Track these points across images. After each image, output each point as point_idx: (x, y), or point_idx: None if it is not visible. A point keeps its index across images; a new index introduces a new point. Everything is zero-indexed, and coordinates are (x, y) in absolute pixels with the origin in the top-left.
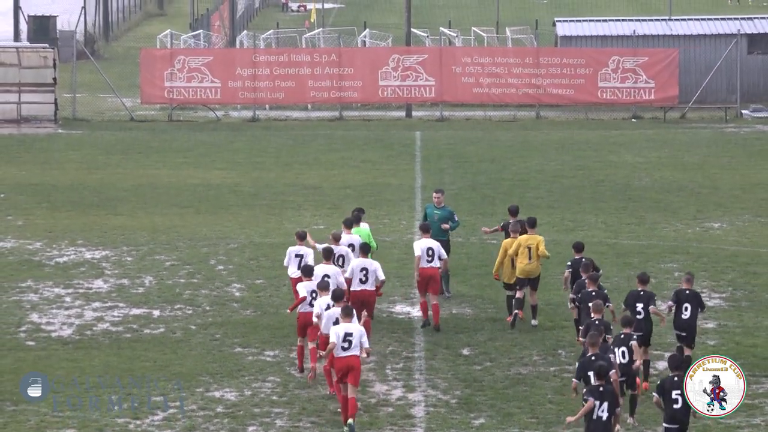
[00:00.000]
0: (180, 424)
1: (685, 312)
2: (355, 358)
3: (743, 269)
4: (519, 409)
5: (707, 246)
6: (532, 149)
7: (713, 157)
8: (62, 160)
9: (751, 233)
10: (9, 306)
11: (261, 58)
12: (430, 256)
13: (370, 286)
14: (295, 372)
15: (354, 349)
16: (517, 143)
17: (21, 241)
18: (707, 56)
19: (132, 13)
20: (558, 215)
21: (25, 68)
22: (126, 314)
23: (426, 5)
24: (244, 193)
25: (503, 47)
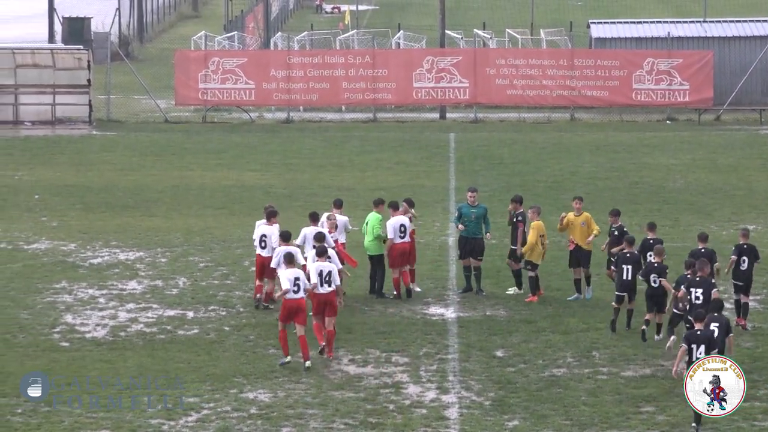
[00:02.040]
0: (214, 425)
1: (743, 264)
2: (332, 293)
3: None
4: (553, 411)
5: None
6: (567, 151)
7: (748, 159)
8: (96, 162)
9: None
10: (43, 307)
11: (295, 59)
12: (402, 232)
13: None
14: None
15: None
16: (551, 145)
17: (55, 243)
18: (742, 58)
19: (166, 14)
20: (593, 217)
21: (59, 70)
22: (160, 315)
23: (460, 7)
24: (277, 195)
25: (537, 49)
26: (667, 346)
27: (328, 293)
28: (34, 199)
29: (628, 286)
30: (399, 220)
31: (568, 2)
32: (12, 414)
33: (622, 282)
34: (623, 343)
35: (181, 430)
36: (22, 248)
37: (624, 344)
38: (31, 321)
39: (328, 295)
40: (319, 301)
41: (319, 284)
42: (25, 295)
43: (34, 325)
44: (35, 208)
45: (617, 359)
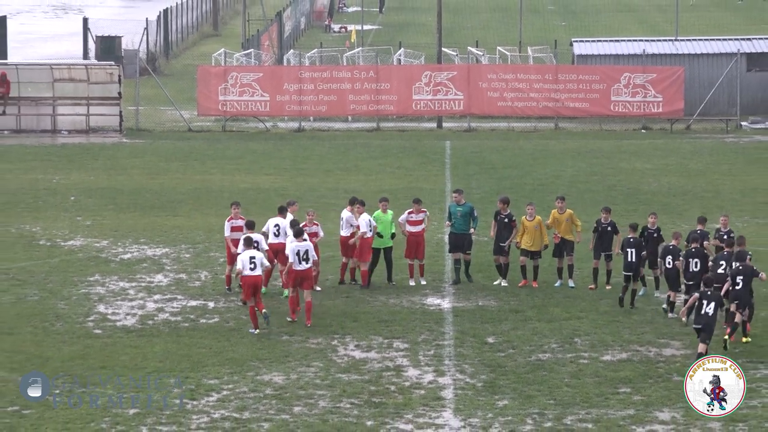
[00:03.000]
0: (233, 404)
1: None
2: (308, 270)
3: None
4: (539, 392)
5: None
6: (551, 157)
7: (715, 164)
8: (126, 167)
9: (749, 233)
10: (78, 298)
11: (306, 74)
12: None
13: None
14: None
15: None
16: (537, 151)
17: (89, 240)
18: (710, 73)
19: (189, 33)
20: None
21: (93, 83)
22: (184, 306)
23: (455, 27)
24: (289, 196)
25: (525, 65)
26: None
27: (306, 269)
28: (70, 200)
29: (630, 266)
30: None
31: (552, 22)
32: (50, 394)
33: (627, 263)
34: (602, 330)
35: (203, 409)
36: (59, 245)
37: (603, 331)
38: (67, 310)
39: (305, 271)
40: (297, 277)
41: (297, 262)
42: (62, 287)
43: (70, 314)
44: (71, 209)
45: (597, 345)
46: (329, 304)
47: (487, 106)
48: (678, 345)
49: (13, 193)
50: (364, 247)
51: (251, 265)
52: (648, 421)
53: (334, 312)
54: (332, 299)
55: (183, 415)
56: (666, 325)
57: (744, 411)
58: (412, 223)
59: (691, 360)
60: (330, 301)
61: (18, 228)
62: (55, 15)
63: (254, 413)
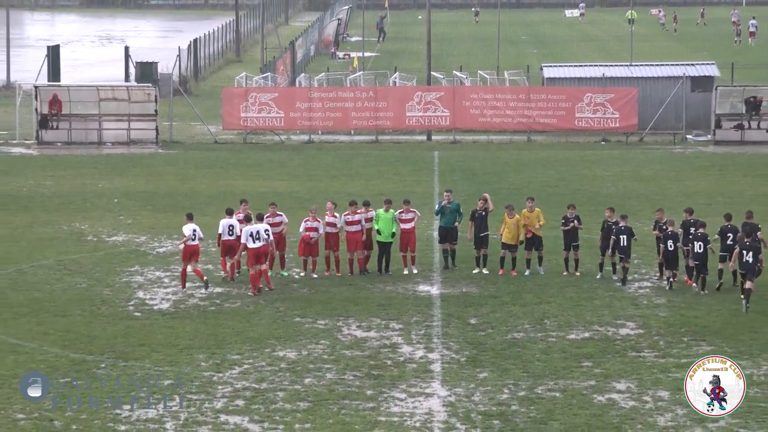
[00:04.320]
0: (252, 376)
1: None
2: (264, 246)
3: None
4: (514, 366)
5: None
6: (524, 165)
7: (664, 171)
8: (162, 173)
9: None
10: (121, 286)
11: (315, 94)
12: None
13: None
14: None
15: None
16: (512, 160)
17: (130, 236)
18: (660, 94)
19: (216, 59)
20: (545, 216)
21: (133, 102)
22: (210, 292)
23: (442, 54)
24: (301, 198)
25: (502, 86)
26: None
27: (260, 246)
28: (114, 202)
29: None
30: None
31: (525, 50)
32: (96, 368)
33: (619, 247)
34: (568, 313)
35: (227, 380)
36: (104, 240)
37: (568, 314)
38: (111, 296)
39: (259, 248)
40: (252, 254)
41: (251, 241)
42: (107, 276)
43: (113, 299)
44: (114, 209)
45: (563, 326)
46: (335, 291)
47: (470, 121)
48: (632, 325)
49: (65, 196)
50: (353, 241)
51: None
52: (607, 391)
53: (339, 298)
54: (337, 287)
55: (210, 385)
56: (622, 308)
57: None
58: (403, 221)
59: (645, 338)
60: (335, 289)
61: (69, 226)
62: (101, 44)
63: (271, 384)
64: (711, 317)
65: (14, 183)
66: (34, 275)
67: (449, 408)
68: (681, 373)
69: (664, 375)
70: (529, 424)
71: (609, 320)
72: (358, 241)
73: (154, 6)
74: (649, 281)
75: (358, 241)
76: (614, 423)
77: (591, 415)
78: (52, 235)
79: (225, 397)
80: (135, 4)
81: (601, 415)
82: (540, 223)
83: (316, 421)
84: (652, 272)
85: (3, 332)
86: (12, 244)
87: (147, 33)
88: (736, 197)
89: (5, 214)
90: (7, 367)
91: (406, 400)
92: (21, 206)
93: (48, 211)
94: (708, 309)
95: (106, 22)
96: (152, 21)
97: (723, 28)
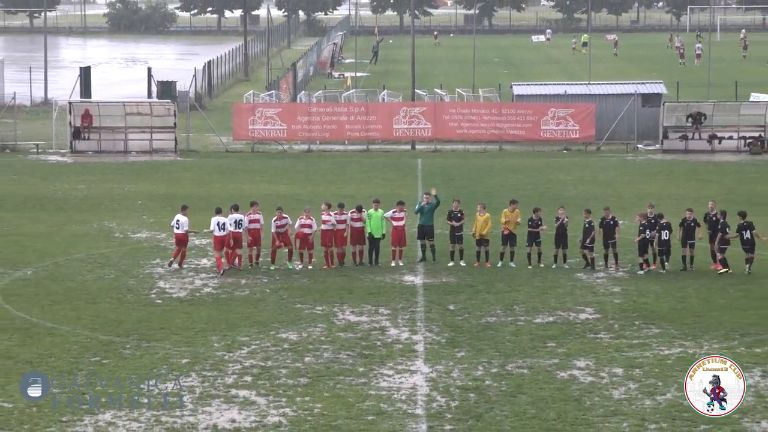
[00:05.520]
0: (259, 355)
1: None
2: (226, 236)
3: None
4: (487, 346)
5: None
6: (497, 171)
7: (619, 176)
8: (180, 179)
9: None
10: (144, 276)
11: (314, 109)
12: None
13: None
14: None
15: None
16: (486, 167)
17: (152, 233)
18: (614, 108)
19: (227, 79)
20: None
21: (155, 116)
22: (222, 282)
23: (425, 74)
24: (302, 200)
25: (477, 102)
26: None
27: (223, 235)
28: (138, 203)
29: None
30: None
31: (497, 71)
32: (123, 348)
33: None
34: (535, 300)
35: (237, 359)
36: (129, 237)
37: (535, 301)
38: (136, 285)
39: (224, 236)
40: (219, 241)
41: (217, 230)
42: (132, 268)
43: (138, 288)
44: (139, 210)
45: (531, 311)
46: (331, 281)
47: (449, 133)
48: (591, 311)
49: (95, 198)
50: (338, 236)
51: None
52: (569, 368)
53: (334, 287)
54: (333, 277)
55: (222, 363)
56: (581, 296)
57: (639, 360)
58: (396, 219)
59: (602, 322)
60: (331, 279)
61: (99, 224)
62: (127, 65)
63: (275, 362)
64: (659, 303)
65: (51, 187)
66: (69, 267)
67: (431, 383)
68: (633, 352)
69: (619, 354)
70: (501, 396)
71: (570, 306)
72: (337, 237)
73: (173, 32)
74: (604, 272)
75: (337, 237)
76: (575, 396)
77: (555, 389)
78: (84, 232)
79: (235, 374)
80: (157, 30)
81: (564, 389)
82: (517, 221)
83: (314, 395)
84: (606, 263)
85: (41, 317)
86: (49, 240)
87: (167, 56)
88: (681, 199)
89: (43, 213)
90: (45, 347)
91: (394, 376)
92: (57, 207)
93: (81, 211)
94: (656, 296)
95: (131, 46)
96: (172, 45)
97: (669, 52)
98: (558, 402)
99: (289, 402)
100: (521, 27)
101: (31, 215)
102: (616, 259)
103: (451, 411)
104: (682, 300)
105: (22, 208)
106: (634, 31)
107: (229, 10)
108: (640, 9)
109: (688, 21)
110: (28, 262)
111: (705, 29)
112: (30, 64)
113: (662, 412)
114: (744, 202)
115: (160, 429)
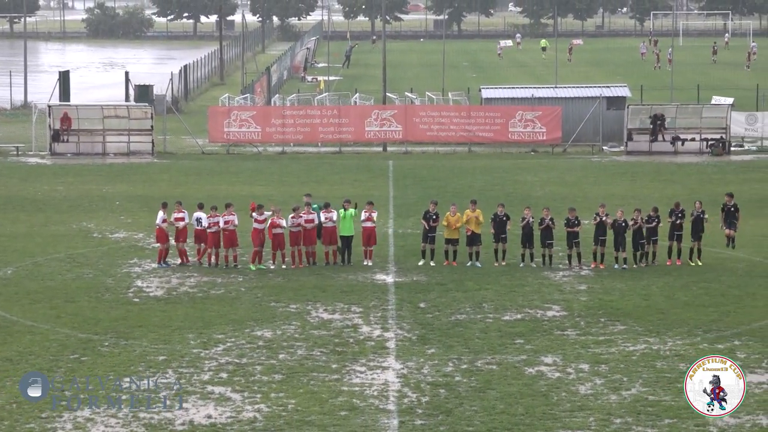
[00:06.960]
0: (234, 352)
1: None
2: (203, 230)
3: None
4: (457, 343)
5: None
6: (466, 172)
7: (584, 177)
8: (157, 180)
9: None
10: (121, 276)
11: (287, 112)
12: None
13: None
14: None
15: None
16: (455, 168)
17: (129, 233)
18: (580, 111)
19: (203, 82)
20: (484, 214)
21: (132, 119)
22: (199, 281)
23: (396, 78)
24: (275, 201)
25: (447, 105)
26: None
27: (202, 229)
28: (116, 204)
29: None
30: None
31: (466, 74)
32: (101, 346)
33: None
34: (503, 298)
35: (213, 356)
36: (107, 237)
37: (503, 299)
38: (113, 284)
39: (202, 230)
40: (197, 234)
41: (196, 224)
42: (110, 267)
43: (115, 287)
44: (116, 210)
45: (499, 309)
46: (304, 279)
47: (419, 135)
48: (557, 308)
49: (74, 199)
50: (308, 236)
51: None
52: (536, 364)
53: (308, 285)
54: (306, 276)
55: (198, 360)
56: (548, 294)
57: (605, 356)
58: (366, 219)
59: (568, 319)
60: (305, 278)
61: (78, 225)
62: (105, 70)
63: (250, 359)
64: (624, 301)
65: (31, 188)
66: (48, 267)
67: (402, 379)
68: (599, 348)
69: (585, 350)
70: (471, 392)
71: (538, 304)
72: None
73: (150, 37)
74: (571, 270)
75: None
76: (543, 391)
77: (523, 384)
78: (63, 232)
79: (211, 371)
80: (134, 35)
81: (532, 384)
82: (480, 221)
83: (288, 391)
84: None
85: (21, 315)
86: (29, 240)
87: (144, 60)
88: (645, 198)
89: (23, 214)
90: (25, 345)
91: (366, 373)
92: (37, 208)
93: (60, 212)
94: (622, 294)
95: (110, 50)
96: (149, 50)
97: (634, 56)
98: (526, 397)
99: (263, 398)
100: (489, 32)
101: (11, 216)
102: (579, 258)
103: (422, 406)
104: (647, 297)
105: (2, 209)
106: (599, 36)
107: (205, 16)
108: (605, 14)
109: (651, 26)
110: (8, 262)
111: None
112: (10, 69)
113: (627, 406)
114: (706, 203)
115: (138, 425)
